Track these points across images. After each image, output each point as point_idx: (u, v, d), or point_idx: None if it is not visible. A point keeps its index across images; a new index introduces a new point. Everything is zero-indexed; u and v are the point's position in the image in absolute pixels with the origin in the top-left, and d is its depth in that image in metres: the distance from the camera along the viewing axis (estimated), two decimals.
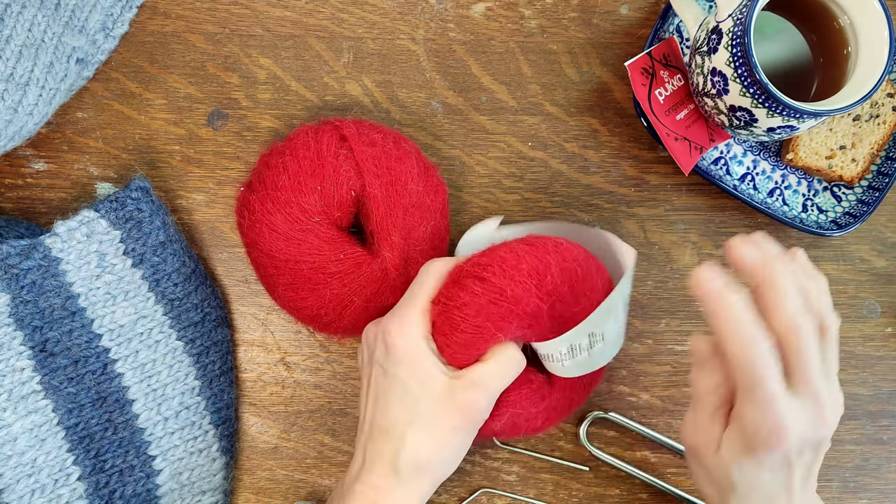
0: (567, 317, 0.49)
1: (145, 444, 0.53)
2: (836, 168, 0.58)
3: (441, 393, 0.47)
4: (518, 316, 0.47)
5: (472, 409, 0.47)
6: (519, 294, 0.47)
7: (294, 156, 0.52)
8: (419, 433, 0.46)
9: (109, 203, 0.52)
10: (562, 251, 0.49)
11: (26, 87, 0.50)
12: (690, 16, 0.56)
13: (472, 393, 0.47)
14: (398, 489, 0.46)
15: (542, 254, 0.48)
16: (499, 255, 0.48)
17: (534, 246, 0.49)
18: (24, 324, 0.51)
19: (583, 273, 0.49)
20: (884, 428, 0.60)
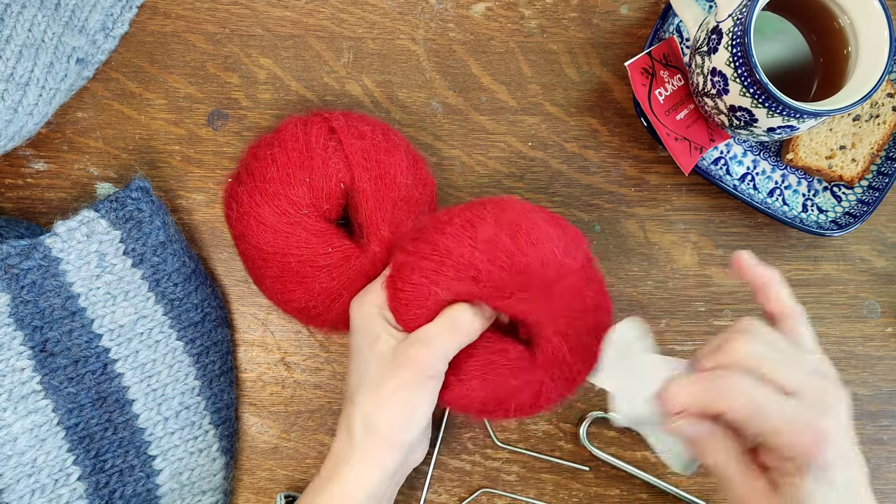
0: (518, 267, 0.47)
1: (145, 444, 0.53)
2: (836, 168, 0.58)
3: (386, 353, 0.48)
4: (453, 267, 0.47)
5: (413, 365, 0.47)
6: (450, 245, 0.47)
7: (283, 147, 0.52)
8: (366, 393, 0.48)
9: (109, 203, 0.52)
10: (500, 204, 0.49)
11: (26, 87, 0.50)
12: (690, 16, 0.56)
13: (412, 349, 0.47)
14: (354, 454, 0.47)
15: (476, 208, 0.49)
16: (434, 216, 0.50)
17: (470, 204, 0.50)
18: (24, 324, 0.51)
19: (527, 224, 0.48)
20: (884, 428, 0.60)
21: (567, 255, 0.48)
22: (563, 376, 0.50)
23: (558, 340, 0.48)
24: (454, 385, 0.49)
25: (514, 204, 0.49)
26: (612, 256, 0.60)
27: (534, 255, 0.47)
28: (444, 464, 0.58)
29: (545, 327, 0.49)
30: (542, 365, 0.49)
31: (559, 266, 0.48)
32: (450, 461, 0.58)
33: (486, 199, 0.50)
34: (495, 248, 0.47)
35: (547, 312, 0.48)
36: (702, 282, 0.60)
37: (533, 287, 0.47)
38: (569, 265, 0.48)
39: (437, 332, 0.47)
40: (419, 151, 0.56)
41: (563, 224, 0.50)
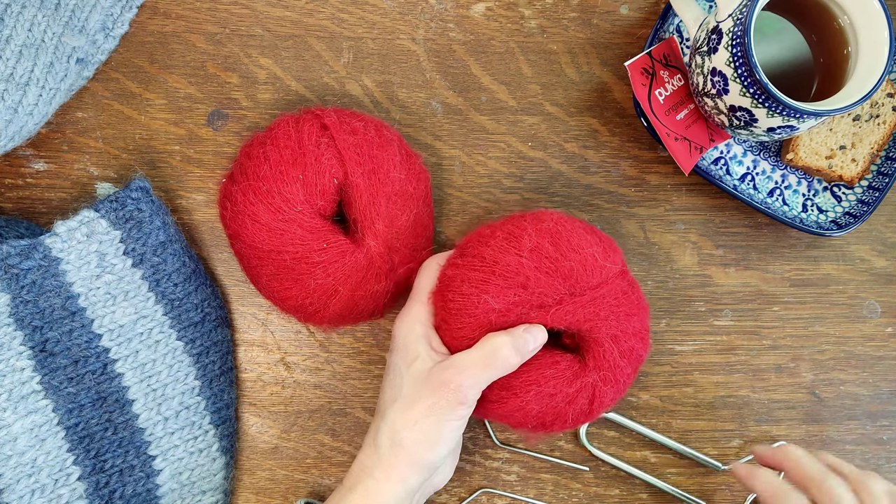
0: (564, 272, 0.49)
1: (145, 444, 0.53)
2: (836, 168, 0.58)
3: (421, 373, 0.49)
4: (502, 276, 0.48)
5: (444, 389, 0.47)
6: (497, 256, 0.49)
7: (275, 145, 0.52)
8: (397, 410, 0.48)
9: (110, 203, 0.52)
10: (538, 216, 0.51)
11: (26, 87, 0.50)
12: (690, 16, 0.56)
13: (446, 373, 0.47)
14: (378, 466, 0.48)
15: (517, 221, 0.51)
16: (477, 233, 0.52)
17: (510, 217, 0.52)
18: (24, 324, 0.51)
19: (566, 232, 0.50)
20: (884, 428, 0.60)
21: (607, 259, 0.50)
22: (614, 378, 0.51)
23: (609, 344, 0.50)
24: (508, 399, 0.50)
25: (552, 215, 0.51)
26: None
27: (576, 259, 0.49)
28: None
29: (596, 331, 0.49)
30: (595, 369, 0.50)
31: (601, 269, 0.49)
32: None
33: (524, 213, 0.52)
34: (540, 255, 0.48)
35: (596, 316, 0.49)
36: (702, 282, 0.60)
37: (580, 291, 0.49)
38: (609, 269, 0.50)
39: (472, 362, 0.48)
40: (413, 147, 0.56)
41: (598, 232, 0.52)
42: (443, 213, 0.59)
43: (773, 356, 0.60)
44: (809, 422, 0.60)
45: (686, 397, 0.60)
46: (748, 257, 0.61)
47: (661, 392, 0.60)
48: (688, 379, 0.60)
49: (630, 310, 0.50)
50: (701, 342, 0.60)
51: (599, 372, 0.50)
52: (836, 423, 0.60)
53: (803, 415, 0.60)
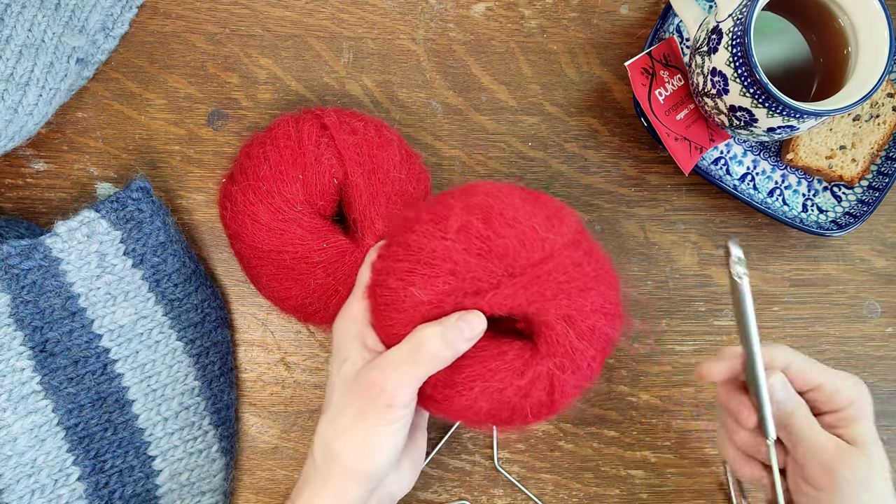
0: (497, 252, 0.43)
1: (145, 445, 0.53)
2: (836, 168, 0.58)
3: (350, 376, 0.45)
4: (427, 264, 0.43)
5: (373, 392, 0.43)
6: (421, 241, 0.44)
7: (275, 145, 0.51)
8: (327, 419, 0.45)
9: (110, 203, 0.52)
10: (468, 189, 0.46)
11: (26, 87, 0.50)
12: (690, 16, 0.56)
13: (371, 374, 0.44)
14: (316, 478, 0.45)
15: (444, 199, 0.45)
16: (403, 217, 0.46)
17: (438, 195, 0.47)
18: (24, 324, 0.51)
19: (499, 205, 0.44)
20: (884, 428, 0.60)
21: (550, 229, 0.44)
22: (574, 365, 0.45)
23: (562, 326, 0.44)
24: (453, 398, 0.46)
25: (484, 186, 0.46)
26: (612, 256, 0.60)
27: (512, 235, 0.43)
28: (444, 464, 0.58)
29: (545, 313, 0.44)
30: (548, 356, 0.45)
31: (543, 243, 0.44)
32: (450, 461, 0.58)
33: (455, 188, 0.47)
34: (469, 236, 0.43)
35: (542, 297, 0.44)
36: (702, 282, 0.60)
37: (519, 271, 0.43)
38: (554, 240, 0.44)
39: (399, 359, 0.44)
40: (413, 147, 0.56)
41: (543, 199, 0.46)
42: None
43: None
44: None
45: (686, 397, 0.60)
46: (748, 257, 0.61)
47: (660, 392, 0.60)
48: (688, 379, 0.60)
49: (585, 284, 0.45)
50: (701, 342, 0.60)
51: (554, 359, 0.45)
52: None
53: None
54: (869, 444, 0.46)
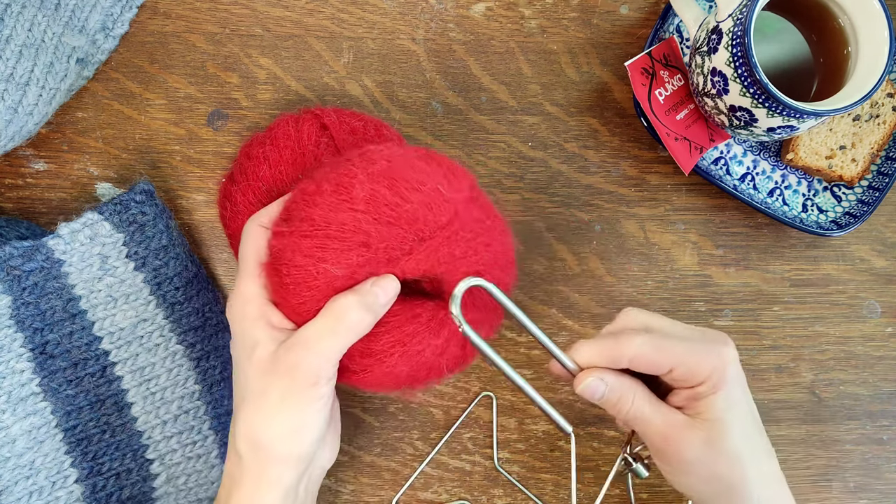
0: (407, 217, 0.43)
1: (143, 448, 0.53)
2: (836, 168, 0.58)
3: (265, 360, 0.43)
4: (338, 238, 0.42)
5: (297, 372, 0.42)
6: (328, 215, 0.42)
7: (275, 145, 0.51)
8: (248, 410, 0.43)
9: (113, 206, 0.52)
10: (367, 156, 0.45)
11: (26, 87, 0.50)
12: (690, 16, 0.56)
13: (291, 354, 0.42)
14: (245, 474, 0.43)
15: (344, 167, 0.44)
16: (300, 190, 0.45)
17: (334, 164, 0.45)
18: (24, 325, 0.51)
19: (402, 170, 0.43)
20: (884, 428, 0.60)
21: (452, 188, 0.44)
22: (483, 319, 0.47)
23: None
24: (373, 367, 0.45)
25: (383, 152, 0.45)
26: (612, 256, 0.60)
27: (419, 199, 0.43)
28: (444, 464, 0.58)
29: (455, 272, 0.45)
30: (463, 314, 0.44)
31: (448, 203, 0.44)
32: (450, 461, 0.58)
33: (351, 154, 0.46)
34: (377, 205, 0.42)
35: (452, 257, 0.44)
36: (702, 282, 0.60)
37: (429, 234, 0.44)
38: (457, 198, 0.44)
39: (318, 333, 0.43)
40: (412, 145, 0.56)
41: (437, 157, 0.46)
42: None
43: (773, 356, 0.60)
44: (809, 422, 0.60)
45: None
46: (748, 257, 0.61)
47: None
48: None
49: (488, 239, 0.45)
50: None
51: (467, 314, 0.45)
52: (836, 423, 0.60)
53: (803, 415, 0.60)
54: (713, 418, 0.44)
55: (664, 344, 0.44)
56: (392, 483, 0.57)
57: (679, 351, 0.43)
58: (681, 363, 0.43)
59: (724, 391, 0.44)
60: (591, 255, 0.60)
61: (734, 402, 0.44)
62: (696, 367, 0.43)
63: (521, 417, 0.59)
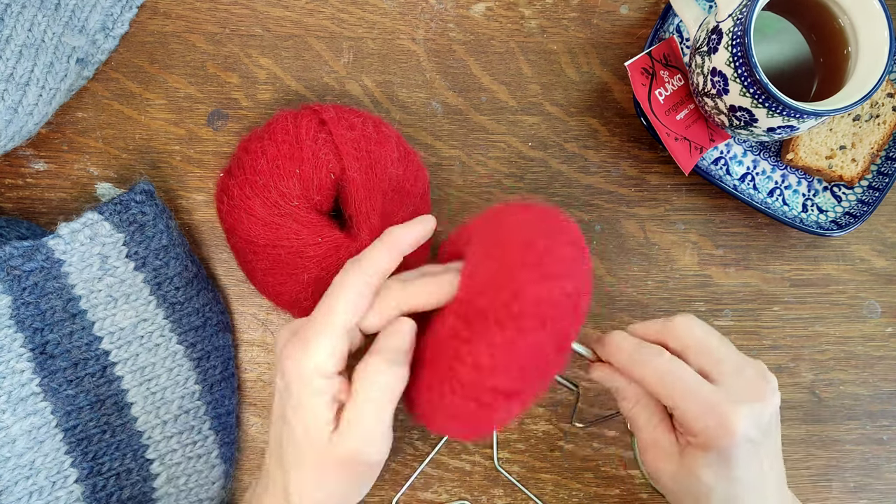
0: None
1: (143, 448, 0.53)
2: (836, 168, 0.58)
3: (323, 445, 0.41)
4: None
5: (355, 464, 0.41)
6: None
7: (273, 140, 0.51)
8: (303, 481, 0.43)
9: (113, 206, 0.52)
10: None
11: (26, 87, 0.50)
12: (690, 16, 0.56)
13: (348, 445, 0.41)
14: None
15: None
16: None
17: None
18: (24, 325, 0.51)
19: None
20: (884, 428, 0.60)
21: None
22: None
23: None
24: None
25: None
26: (612, 256, 0.60)
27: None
28: (444, 464, 0.58)
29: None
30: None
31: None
32: (450, 461, 0.58)
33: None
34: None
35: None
36: (702, 282, 0.60)
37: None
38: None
39: (365, 409, 0.41)
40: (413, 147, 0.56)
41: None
42: (443, 213, 0.59)
43: (773, 356, 0.60)
44: (809, 422, 0.60)
45: None
46: (748, 257, 0.61)
47: None
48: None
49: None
50: None
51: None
52: (836, 423, 0.60)
53: (803, 415, 0.60)
54: (692, 471, 0.43)
55: (670, 381, 0.42)
56: (392, 483, 0.57)
57: (680, 395, 0.42)
58: (676, 407, 0.42)
59: (714, 454, 0.41)
60: (591, 255, 0.60)
61: (727, 468, 0.41)
62: (691, 420, 0.42)
63: (521, 417, 0.59)
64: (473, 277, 0.41)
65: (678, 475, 0.43)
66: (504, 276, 0.39)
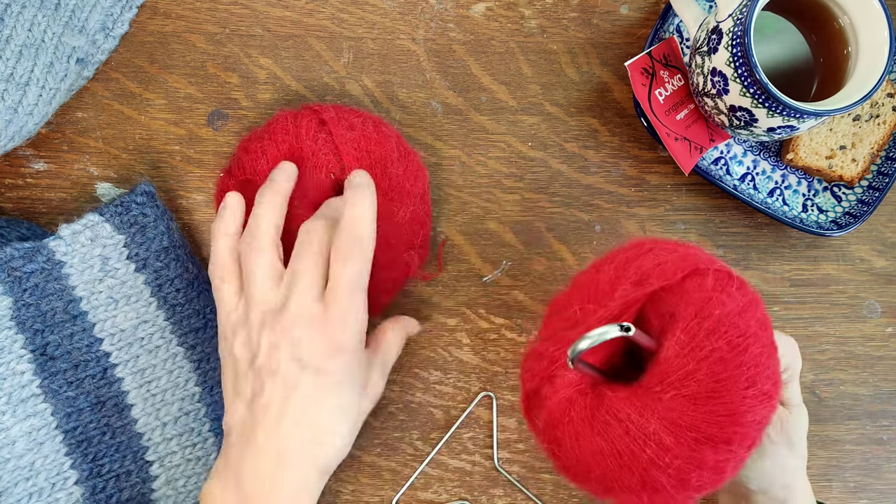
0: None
1: (143, 450, 0.53)
2: (836, 168, 0.58)
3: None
4: None
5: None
6: None
7: (273, 140, 0.51)
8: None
9: (114, 207, 0.52)
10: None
11: (26, 87, 0.50)
12: (690, 16, 0.56)
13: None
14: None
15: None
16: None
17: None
18: (25, 327, 0.51)
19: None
20: (884, 428, 0.60)
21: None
22: None
23: None
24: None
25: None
26: None
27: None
28: (444, 464, 0.58)
29: None
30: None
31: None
32: (450, 461, 0.58)
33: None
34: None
35: None
36: None
37: None
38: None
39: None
40: (413, 147, 0.56)
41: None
42: (443, 213, 0.59)
43: None
44: (810, 422, 0.60)
45: None
46: (748, 257, 0.61)
47: None
48: None
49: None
50: None
51: None
52: (836, 423, 0.60)
53: None
54: (795, 404, 0.49)
55: None
56: (392, 483, 0.57)
57: None
58: None
59: (797, 380, 0.49)
60: (591, 255, 0.60)
61: (800, 392, 0.50)
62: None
63: (521, 417, 0.59)
64: (683, 387, 0.40)
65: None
66: (728, 397, 0.39)
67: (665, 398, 0.39)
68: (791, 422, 0.48)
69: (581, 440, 0.41)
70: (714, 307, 0.40)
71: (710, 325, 0.39)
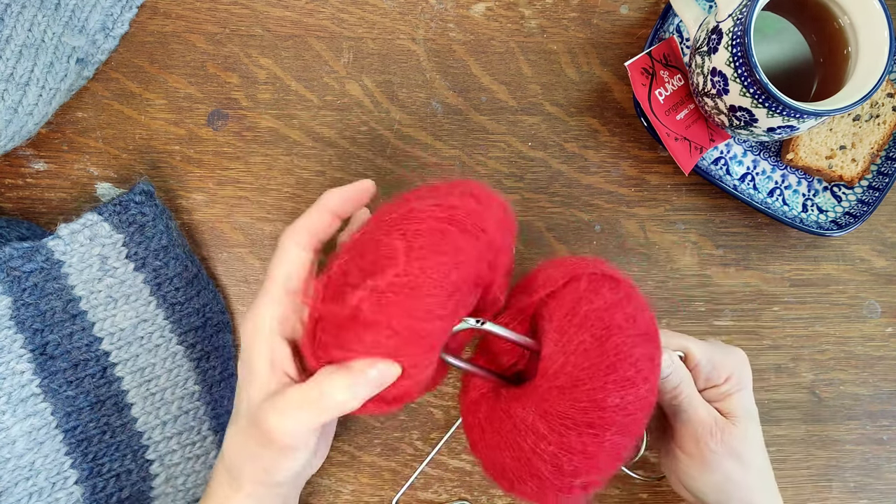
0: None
1: (143, 449, 0.53)
2: (836, 168, 0.58)
3: (254, 405, 0.41)
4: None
5: (273, 437, 0.40)
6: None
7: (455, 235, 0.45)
8: (233, 433, 0.43)
9: (113, 206, 0.52)
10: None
11: (26, 87, 0.50)
12: (690, 16, 0.56)
13: (270, 419, 0.40)
14: (230, 483, 0.44)
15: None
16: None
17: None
18: (24, 326, 0.51)
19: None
20: (884, 428, 0.60)
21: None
22: None
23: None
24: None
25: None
26: (612, 256, 0.60)
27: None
28: (444, 464, 0.58)
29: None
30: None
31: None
32: (450, 461, 0.58)
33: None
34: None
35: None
36: (702, 282, 0.60)
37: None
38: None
39: (299, 404, 0.40)
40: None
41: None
42: None
43: (773, 356, 0.60)
44: (809, 422, 0.60)
45: None
46: (748, 257, 0.61)
47: None
48: None
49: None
50: None
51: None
52: (836, 423, 0.60)
53: (803, 415, 0.60)
54: (742, 416, 0.48)
55: (691, 340, 0.49)
56: (392, 483, 0.57)
57: (704, 347, 0.49)
58: (706, 358, 0.48)
59: (746, 390, 0.48)
60: (591, 254, 0.60)
61: (752, 404, 0.49)
62: (720, 363, 0.48)
63: None
64: (555, 378, 0.42)
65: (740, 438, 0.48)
66: (590, 384, 0.41)
67: (540, 391, 0.42)
68: (735, 434, 0.47)
69: (486, 438, 0.44)
70: (583, 305, 0.43)
71: (578, 320, 0.42)
